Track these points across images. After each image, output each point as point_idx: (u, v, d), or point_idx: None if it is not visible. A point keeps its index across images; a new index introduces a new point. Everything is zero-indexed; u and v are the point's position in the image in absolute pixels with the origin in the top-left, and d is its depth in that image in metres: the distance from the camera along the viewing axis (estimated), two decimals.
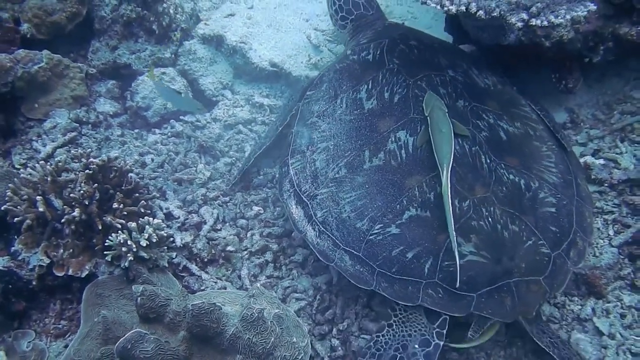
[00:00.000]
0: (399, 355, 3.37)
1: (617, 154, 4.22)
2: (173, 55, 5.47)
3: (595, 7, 3.24)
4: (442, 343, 3.35)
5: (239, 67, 5.57)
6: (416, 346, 3.37)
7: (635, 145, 4.25)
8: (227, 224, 4.30)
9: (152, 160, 4.71)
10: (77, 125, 4.89)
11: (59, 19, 5.12)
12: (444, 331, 3.36)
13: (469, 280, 3.29)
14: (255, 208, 4.34)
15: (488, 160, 3.60)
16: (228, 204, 4.42)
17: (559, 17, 3.15)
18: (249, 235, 4.22)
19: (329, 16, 5.24)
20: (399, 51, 4.15)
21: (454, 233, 3.21)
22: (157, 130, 5.06)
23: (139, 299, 3.12)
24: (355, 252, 3.52)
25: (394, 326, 3.48)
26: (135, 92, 5.16)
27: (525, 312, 3.31)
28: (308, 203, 3.77)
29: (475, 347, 3.55)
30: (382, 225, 3.48)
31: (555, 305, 3.75)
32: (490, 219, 3.39)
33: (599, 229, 3.97)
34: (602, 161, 4.16)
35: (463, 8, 3.48)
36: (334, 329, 3.71)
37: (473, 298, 3.29)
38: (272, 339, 3.08)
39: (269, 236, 4.19)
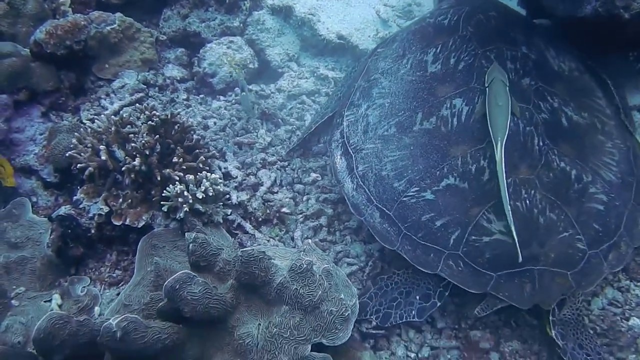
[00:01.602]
0: (399, 299, 3.46)
1: None
2: (241, 25, 5.49)
3: None
4: (439, 303, 3.39)
5: (306, 40, 5.55)
6: (417, 297, 3.45)
7: None
8: (284, 187, 4.28)
9: (215, 123, 4.74)
10: (145, 86, 5.01)
11: None
12: (446, 293, 3.40)
13: (492, 259, 3.22)
14: (313, 174, 4.30)
15: (541, 143, 3.45)
16: (286, 168, 4.40)
17: None
18: (304, 199, 4.21)
19: None
20: (476, 20, 4.04)
21: (509, 208, 3.13)
22: (221, 97, 5.09)
23: (190, 245, 3.13)
24: (386, 211, 3.49)
25: (410, 271, 3.50)
26: (202, 59, 5.21)
27: (543, 303, 3.22)
28: (353, 155, 3.76)
29: (531, 324, 3.46)
30: (418, 188, 3.43)
31: (619, 289, 3.59)
32: (527, 202, 3.27)
33: None
34: None
35: None
36: None
37: (492, 277, 3.22)
38: (320, 292, 3.03)
39: (324, 201, 4.16)
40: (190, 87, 5.25)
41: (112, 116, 3.94)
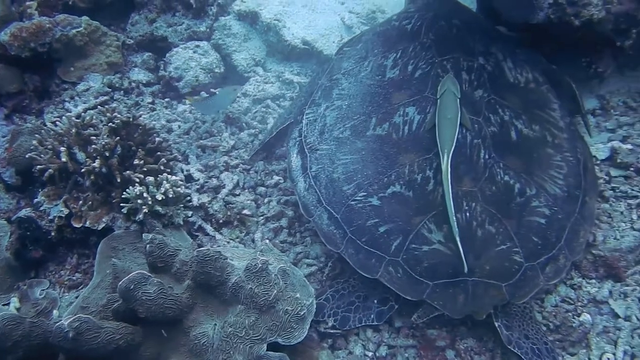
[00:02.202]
0: (357, 302, 3.48)
1: None
2: (208, 30, 5.52)
3: None
4: (397, 306, 3.43)
5: (272, 45, 5.59)
6: (375, 301, 3.47)
7: None
8: (247, 190, 4.30)
9: (179, 127, 4.76)
10: (110, 90, 5.03)
11: None
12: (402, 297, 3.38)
13: (430, 268, 3.26)
14: (276, 177, 4.33)
15: (486, 156, 3.49)
16: (250, 171, 4.43)
17: None
18: (266, 201, 4.23)
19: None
20: (438, 27, 4.08)
21: (455, 219, 3.18)
22: (186, 100, 5.10)
23: (148, 246, 3.14)
24: (334, 213, 3.52)
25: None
26: (168, 63, 5.22)
27: (475, 313, 3.28)
28: (308, 155, 3.78)
29: (486, 323, 3.50)
30: (365, 193, 3.46)
31: (572, 287, 3.65)
32: (467, 214, 3.31)
33: (622, 212, 3.85)
34: (629, 146, 4.03)
35: None
36: None
37: (428, 286, 3.26)
38: (275, 291, 3.05)
39: (286, 203, 4.18)
40: (156, 91, 5.26)
41: (74, 118, 3.93)
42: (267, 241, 3.56)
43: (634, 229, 3.72)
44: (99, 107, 4.51)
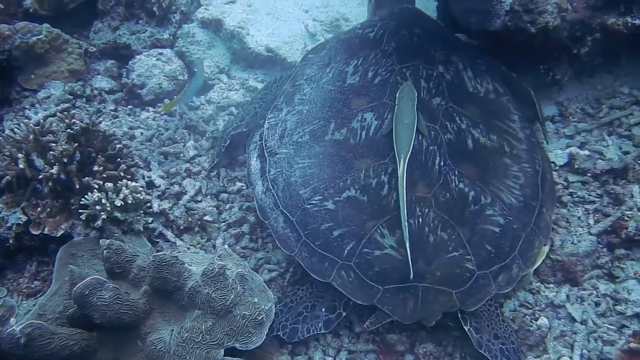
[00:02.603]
0: (305, 313, 3.47)
1: (603, 146, 4.17)
2: (171, 37, 5.52)
3: None
4: (344, 313, 3.44)
5: (236, 53, 5.61)
6: (323, 310, 3.46)
7: (622, 139, 4.20)
8: (209, 196, 4.30)
9: (142, 134, 4.74)
10: (71, 97, 4.99)
11: None
12: (351, 303, 3.39)
13: (381, 273, 3.28)
14: (239, 183, 4.33)
15: (442, 163, 3.52)
16: (212, 177, 4.43)
17: None
18: (228, 207, 4.23)
19: (328, 8, 5.31)
20: (399, 36, 4.13)
21: (407, 224, 3.19)
22: (150, 108, 5.09)
23: (105, 252, 3.12)
24: (290, 216, 3.54)
25: (314, 285, 3.53)
26: (131, 70, 5.20)
27: (425, 319, 3.28)
28: (267, 159, 3.81)
29: (446, 326, 3.53)
30: (321, 197, 3.49)
31: (530, 291, 3.68)
32: (420, 220, 3.32)
33: (579, 217, 3.91)
34: (587, 152, 4.11)
35: None
36: None
37: (379, 291, 3.27)
38: (232, 296, 3.05)
39: (248, 210, 4.18)
40: (119, 99, 5.23)
41: (32, 125, 3.89)
42: (226, 246, 3.56)
43: (590, 234, 3.79)
44: (58, 114, 4.49)
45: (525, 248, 3.47)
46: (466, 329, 3.32)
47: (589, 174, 4.04)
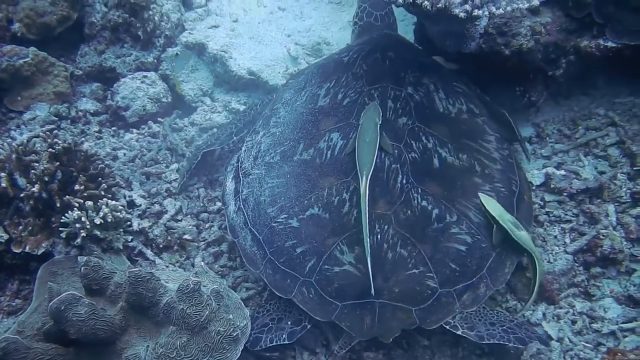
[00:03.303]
0: (270, 324, 3.49)
1: (579, 166, 4.26)
2: (156, 60, 5.64)
3: (538, 3, 3.32)
4: (309, 326, 3.45)
5: (220, 76, 5.72)
6: (289, 322, 3.48)
7: (599, 159, 4.30)
8: (189, 216, 4.38)
9: (124, 154, 4.83)
10: (57, 119, 5.08)
11: (49, 20, 5.34)
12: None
13: (340, 289, 3.33)
14: (218, 203, 4.40)
15: (404, 181, 3.57)
16: (192, 197, 4.51)
17: (499, 9, 3.24)
18: (207, 226, 4.30)
19: (310, 32, 5.42)
20: (372, 59, 4.21)
21: (368, 240, 3.24)
22: (134, 130, 5.18)
23: (83, 268, 3.17)
24: (257, 235, 3.63)
25: (282, 300, 3.56)
26: (116, 92, 5.30)
27: (382, 336, 3.28)
28: (241, 179, 3.90)
29: (422, 345, 3.58)
30: (287, 215, 3.57)
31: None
32: (379, 236, 3.37)
33: (555, 236, 4.00)
34: (563, 172, 4.21)
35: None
36: None
37: (337, 307, 3.33)
38: (207, 312, 3.10)
39: (227, 229, 4.22)
40: (104, 120, 5.32)
41: (15, 145, 3.96)
42: (202, 263, 3.62)
43: (567, 253, 3.87)
44: (41, 134, 4.55)
45: (495, 267, 3.47)
46: (460, 333, 3.31)
47: (565, 194, 4.13)
